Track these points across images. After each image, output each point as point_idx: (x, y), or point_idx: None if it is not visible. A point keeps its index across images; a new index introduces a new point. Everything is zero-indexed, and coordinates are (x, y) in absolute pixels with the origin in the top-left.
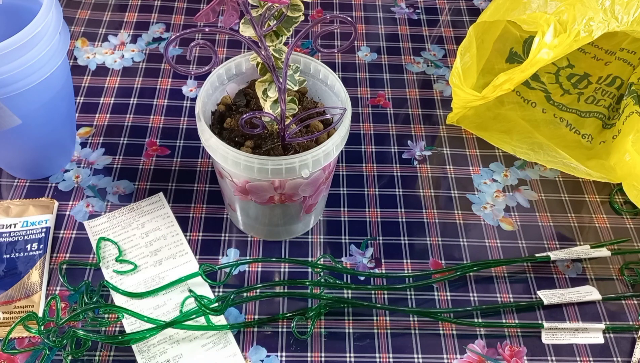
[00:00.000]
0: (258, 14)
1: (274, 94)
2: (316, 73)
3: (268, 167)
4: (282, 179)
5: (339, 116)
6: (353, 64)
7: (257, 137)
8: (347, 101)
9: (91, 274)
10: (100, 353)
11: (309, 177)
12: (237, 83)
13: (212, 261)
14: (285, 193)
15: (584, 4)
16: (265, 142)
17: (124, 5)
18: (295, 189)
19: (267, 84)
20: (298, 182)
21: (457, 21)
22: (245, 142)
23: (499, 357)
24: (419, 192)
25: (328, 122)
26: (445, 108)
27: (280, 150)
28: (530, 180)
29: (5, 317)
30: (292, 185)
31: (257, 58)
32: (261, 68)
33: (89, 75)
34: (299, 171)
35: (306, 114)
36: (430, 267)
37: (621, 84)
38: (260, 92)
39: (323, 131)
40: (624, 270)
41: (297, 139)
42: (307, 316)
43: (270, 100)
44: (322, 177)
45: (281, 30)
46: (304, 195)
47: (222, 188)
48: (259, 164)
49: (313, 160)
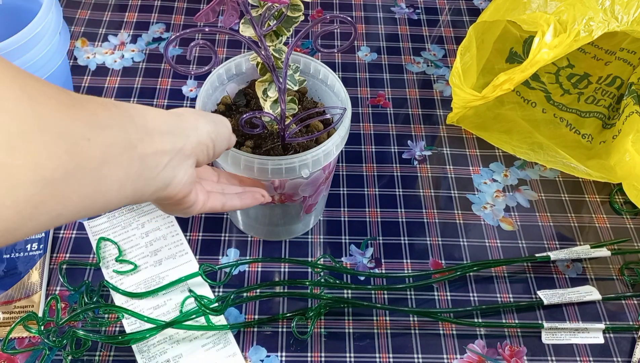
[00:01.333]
0: (258, 14)
1: (274, 93)
2: (316, 73)
3: (268, 167)
4: (282, 178)
5: (339, 116)
6: (353, 64)
7: (257, 137)
8: (347, 101)
9: (91, 274)
10: (100, 353)
11: (309, 177)
12: (237, 83)
13: (212, 261)
14: (285, 193)
15: (584, 4)
16: (265, 142)
17: (124, 5)
18: (295, 189)
19: (267, 83)
20: (298, 182)
21: (457, 21)
22: (245, 142)
23: (499, 357)
24: (419, 192)
25: (328, 122)
26: (445, 108)
27: (280, 150)
28: (530, 180)
29: (5, 317)
30: (292, 185)
31: (257, 58)
32: (261, 68)
33: (89, 75)
34: (299, 171)
35: (306, 114)
36: (430, 267)
37: (621, 83)
38: (260, 92)
39: (323, 131)
40: (624, 270)
41: (297, 138)
42: (307, 316)
43: (270, 100)
44: (322, 177)
45: (281, 30)
46: (304, 195)
47: None
48: (259, 164)
49: (313, 160)
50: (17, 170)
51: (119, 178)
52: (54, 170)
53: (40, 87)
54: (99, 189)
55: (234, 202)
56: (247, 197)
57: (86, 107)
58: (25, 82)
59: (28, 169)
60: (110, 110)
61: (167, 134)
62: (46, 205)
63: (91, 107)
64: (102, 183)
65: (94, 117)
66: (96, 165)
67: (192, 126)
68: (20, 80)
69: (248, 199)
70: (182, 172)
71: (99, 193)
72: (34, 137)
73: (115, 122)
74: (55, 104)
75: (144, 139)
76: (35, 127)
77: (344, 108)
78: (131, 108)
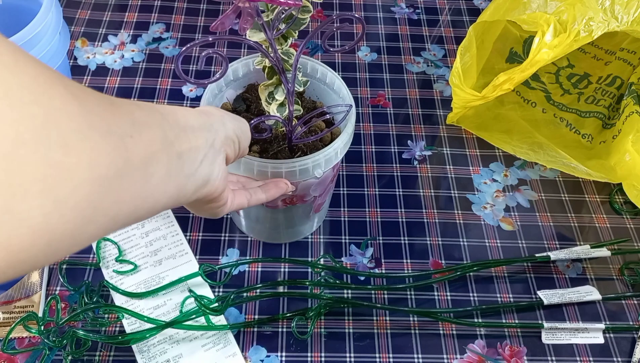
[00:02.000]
0: (269, 18)
1: (282, 96)
2: (314, 72)
3: (282, 170)
4: (295, 180)
5: (345, 113)
6: (353, 64)
7: (262, 141)
8: (350, 97)
9: (91, 274)
10: (100, 353)
11: (321, 176)
12: (234, 89)
13: (212, 261)
14: (297, 195)
15: (584, 4)
16: (271, 145)
17: (124, 5)
18: (307, 190)
19: (273, 87)
20: (310, 182)
21: (457, 21)
22: (252, 147)
23: (499, 357)
24: (419, 192)
25: (329, 121)
26: (445, 108)
27: (287, 152)
28: (530, 180)
29: (5, 317)
30: (304, 186)
31: (263, 62)
32: (268, 71)
33: (89, 75)
34: (312, 171)
35: (314, 114)
36: (430, 267)
37: (621, 83)
38: (264, 96)
39: (328, 130)
40: (624, 270)
41: (303, 139)
42: (307, 316)
43: (277, 102)
44: (331, 175)
45: (289, 33)
46: (315, 194)
47: None
48: (272, 168)
49: (325, 159)
50: (75, 168)
51: (161, 176)
52: (107, 167)
53: (79, 86)
54: (147, 188)
55: (258, 195)
56: (271, 188)
57: (122, 106)
58: (65, 82)
59: (85, 167)
60: (144, 109)
61: (198, 130)
62: (104, 206)
63: (127, 106)
64: (149, 182)
65: (132, 115)
66: (141, 163)
67: (219, 121)
68: (61, 79)
69: (272, 190)
70: (217, 168)
71: (147, 192)
72: (86, 134)
73: (152, 120)
74: (97, 102)
75: (180, 136)
76: (85, 125)
77: (350, 105)
78: (161, 108)
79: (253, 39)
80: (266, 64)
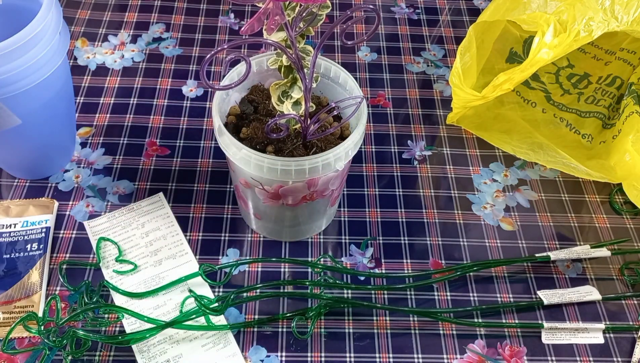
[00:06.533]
0: (291, 17)
1: (298, 93)
2: (317, 67)
3: (306, 168)
4: (318, 176)
5: (357, 106)
6: (353, 64)
7: (276, 141)
8: (359, 89)
9: (91, 274)
10: (100, 353)
11: (342, 168)
12: (238, 92)
13: (212, 261)
14: (317, 191)
15: (584, 4)
16: (285, 144)
17: (124, 5)
18: (326, 184)
19: (287, 85)
20: (329, 176)
21: (457, 21)
22: (267, 148)
23: (499, 357)
24: (419, 192)
25: (338, 114)
26: (445, 108)
27: (302, 150)
28: (530, 180)
29: (5, 317)
30: (324, 180)
31: (279, 61)
32: (285, 70)
33: (89, 75)
34: (334, 165)
35: (327, 109)
36: (430, 267)
37: (621, 83)
38: (276, 95)
39: (339, 124)
40: (624, 270)
41: (317, 135)
42: (307, 316)
43: (291, 101)
44: (347, 167)
45: (308, 31)
46: (333, 188)
47: (244, 200)
48: (296, 166)
49: (345, 151)
50: None
51: None
52: None
53: None
54: None
55: None
56: None
57: None
58: None
59: None
60: None
61: None
62: None
63: None
64: None
65: None
66: None
67: None
68: None
69: None
70: None
71: None
72: None
73: None
74: None
75: None
76: None
77: (362, 97)
78: None
79: (272, 38)
80: (283, 63)
